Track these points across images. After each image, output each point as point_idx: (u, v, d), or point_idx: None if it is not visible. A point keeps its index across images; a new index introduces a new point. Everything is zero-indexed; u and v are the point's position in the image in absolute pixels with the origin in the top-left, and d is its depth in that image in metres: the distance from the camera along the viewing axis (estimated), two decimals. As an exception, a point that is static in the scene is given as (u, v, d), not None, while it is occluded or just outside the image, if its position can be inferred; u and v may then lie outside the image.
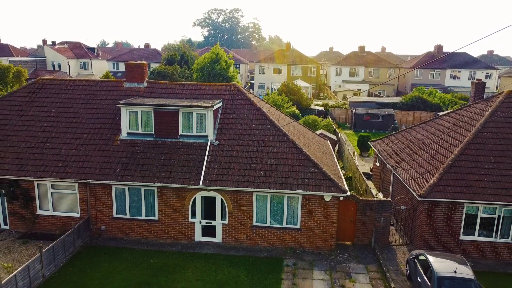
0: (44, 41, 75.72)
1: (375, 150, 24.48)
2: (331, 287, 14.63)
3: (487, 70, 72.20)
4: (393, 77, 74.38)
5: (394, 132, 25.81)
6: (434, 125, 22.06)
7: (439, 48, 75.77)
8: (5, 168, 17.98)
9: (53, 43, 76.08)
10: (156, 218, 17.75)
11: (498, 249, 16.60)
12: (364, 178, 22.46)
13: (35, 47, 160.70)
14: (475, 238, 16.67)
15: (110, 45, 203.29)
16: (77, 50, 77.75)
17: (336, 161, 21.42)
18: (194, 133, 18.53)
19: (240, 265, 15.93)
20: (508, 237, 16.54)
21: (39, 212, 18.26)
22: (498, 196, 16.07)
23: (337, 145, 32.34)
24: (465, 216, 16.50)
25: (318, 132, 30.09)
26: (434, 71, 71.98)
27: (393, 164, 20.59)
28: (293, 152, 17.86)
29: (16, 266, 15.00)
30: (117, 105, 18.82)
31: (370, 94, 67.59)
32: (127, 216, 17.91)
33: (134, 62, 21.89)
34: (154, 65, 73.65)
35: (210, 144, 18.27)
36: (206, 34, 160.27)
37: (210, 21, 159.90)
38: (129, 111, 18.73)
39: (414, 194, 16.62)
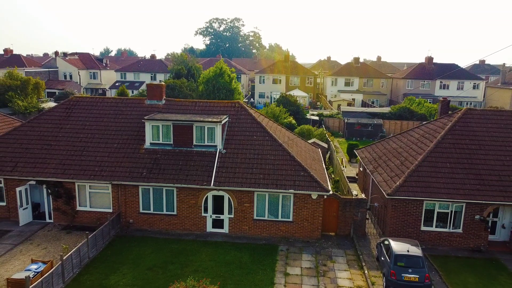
0: (56, 53, 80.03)
1: (359, 157, 28.49)
2: (315, 266, 18.57)
3: (475, 80, 76.34)
4: (385, 87, 78.55)
5: (375, 142, 29.79)
6: (407, 136, 26.09)
7: (429, 59, 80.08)
8: (51, 172, 21.97)
9: (65, 54, 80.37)
10: (175, 213, 21.71)
11: (451, 237, 20.56)
12: (347, 181, 26.46)
13: (41, 55, 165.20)
14: (433, 229, 20.62)
15: (113, 52, 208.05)
16: (87, 61, 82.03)
17: (323, 166, 25.39)
18: (206, 143, 22.54)
19: (243, 250, 19.86)
20: (459, 228, 20.49)
21: (78, 208, 22.22)
22: (451, 194, 20.04)
23: (329, 152, 36.32)
24: (425, 211, 20.47)
25: (311, 141, 34.08)
26: (424, 81, 76.15)
27: (371, 169, 24.59)
28: (286, 159, 21.86)
29: (69, 249, 18.91)
30: (142, 120, 22.87)
31: (363, 103, 71.72)
32: (151, 211, 21.87)
33: (154, 83, 25.98)
34: (159, 75, 78.08)
35: (219, 152, 22.27)
36: (208, 42, 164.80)
37: (212, 30, 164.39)
38: (152, 125, 22.76)
39: (384, 193, 20.61)
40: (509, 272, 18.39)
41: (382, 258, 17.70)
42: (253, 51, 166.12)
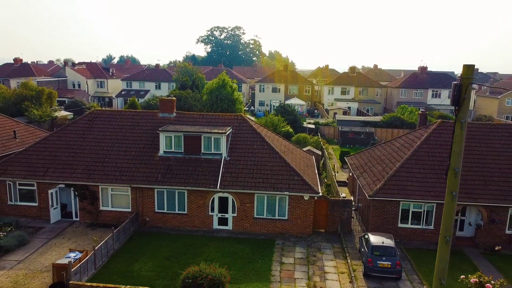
0: (66, 63, 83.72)
1: (348, 163, 31.81)
2: (306, 257, 21.84)
3: (465, 89, 79.67)
4: (380, 96, 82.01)
5: (364, 149, 33.11)
6: (390, 145, 29.44)
7: (422, 69, 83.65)
8: (78, 176, 25.29)
9: (73, 64, 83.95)
10: (185, 212, 25.00)
11: (424, 233, 23.84)
12: (337, 185, 29.76)
13: (45, 62, 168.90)
14: (409, 226, 23.91)
15: (116, 59, 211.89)
16: (94, 70, 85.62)
17: (315, 171, 28.69)
18: (212, 151, 25.87)
19: (245, 244, 23.13)
20: (431, 225, 23.78)
21: (101, 208, 25.50)
22: (423, 196, 23.34)
23: (323, 158, 39.62)
24: (401, 210, 23.76)
25: (306, 148, 37.41)
26: (417, 90, 79.63)
27: (358, 174, 27.91)
28: (282, 166, 25.18)
29: (98, 241, 22.14)
30: (157, 131, 26.23)
31: (359, 111, 75.13)
32: (165, 210, 25.16)
33: (166, 98, 29.41)
34: (164, 84, 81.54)
35: (224, 159, 25.58)
36: (209, 50, 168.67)
37: (213, 38, 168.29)
38: (165, 136, 26.11)
39: (366, 195, 23.91)
40: (471, 262, 21.64)
41: (362, 249, 20.99)
42: (253, 58, 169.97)
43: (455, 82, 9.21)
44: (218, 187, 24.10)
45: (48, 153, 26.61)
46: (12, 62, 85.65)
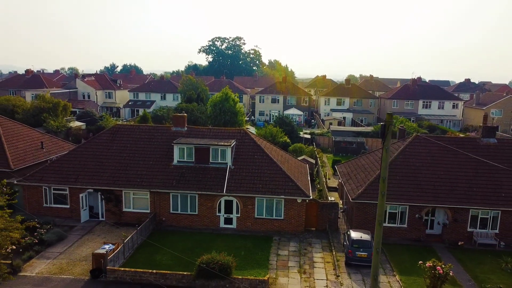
0: (76, 75, 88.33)
1: (338, 171, 36.13)
2: (299, 250, 26.08)
3: (454, 100, 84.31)
4: (373, 106, 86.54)
5: (351, 159, 37.42)
6: (373, 155, 33.78)
7: (413, 81, 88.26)
8: (104, 182, 29.58)
9: (83, 76, 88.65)
10: (196, 213, 29.25)
11: (399, 231, 28.10)
12: (327, 190, 34.06)
13: (52, 72, 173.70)
14: (386, 224, 28.13)
15: (119, 68, 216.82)
16: (103, 82, 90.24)
17: (308, 178, 32.96)
18: (219, 161, 30.17)
19: (247, 239, 27.36)
20: (404, 224, 28.04)
21: (124, 209, 29.76)
22: (398, 199, 27.63)
23: (317, 166, 43.91)
24: (380, 211, 28.00)
25: (301, 157, 41.73)
26: (409, 101, 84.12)
27: (344, 180, 32.23)
28: (279, 173, 29.49)
29: (126, 236, 26.32)
30: (172, 144, 30.58)
31: (353, 122, 79.59)
32: (179, 212, 29.41)
33: (179, 115, 33.73)
34: (169, 95, 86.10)
35: (229, 167, 29.88)
36: (211, 60, 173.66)
37: (214, 48, 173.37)
38: (178, 147, 30.44)
39: (350, 198, 28.21)
40: (436, 255, 25.81)
41: (345, 243, 25.27)
42: (254, 68, 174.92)
43: (382, 123, 13.60)
44: (224, 192, 28.38)
45: (77, 162, 30.92)
46: (13, 71, 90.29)
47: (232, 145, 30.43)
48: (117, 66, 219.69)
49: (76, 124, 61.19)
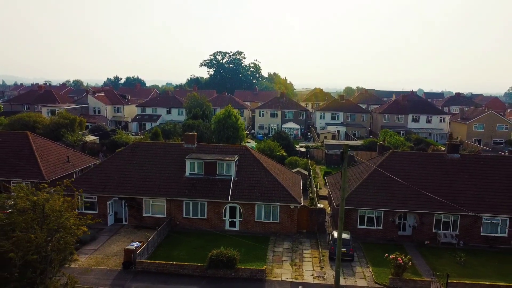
0: (87, 91, 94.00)
1: (327, 182, 41.55)
2: (291, 247, 31.42)
3: (441, 115, 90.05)
4: (366, 120, 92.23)
5: (339, 171, 42.85)
6: (357, 168, 39.24)
7: (403, 96, 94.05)
8: (128, 191, 35.00)
9: (94, 92, 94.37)
10: (205, 217, 34.61)
11: (376, 233, 33.46)
12: (317, 198, 39.47)
13: (58, 85, 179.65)
14: (365, 227, 33.49)
15: (123, 80, 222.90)
16: (112, 97, 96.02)
17: (301, 188, 38.36)
18: (224, 173, 35.62)
19: (249, 239, 32.66)
20: (380, 226, 33.40)
21: (144, 214, 35.13)
22: (374, 206, 33.04)
23: (310, 177, 49.29)
24: (359, 215, 33.40)
25: (296, 169, 47.16)
26: (398, 115, 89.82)
27: (331, 189, 37.65)
28: (275, 184, 34.93)
29: (149, 236, 31.62)
30: (184, 159, 36.07)
31: (346, 135, 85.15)
32: (191, 216, 34.79)
33: (190, 133, 39.28)
34: (174, 110, 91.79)
35: (233, 179, 35.32)
36: (212, 73, 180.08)
37: (216, 62, 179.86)
38: (190, 162, 35.93)
39: (334, 204, 33.60)
40: (405, 252, 31.07)
41: (329, 241, 30.64)
42: (254, 81, 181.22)
43: (341, 151, 19.15)
44: (229, 199, 33.79)
45: (104, 175, 36.37)
46: (19, 83, 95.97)
47: (235, 160, 35.93)
48: (121, 79, 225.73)
49: (90, 138, 66.71)
